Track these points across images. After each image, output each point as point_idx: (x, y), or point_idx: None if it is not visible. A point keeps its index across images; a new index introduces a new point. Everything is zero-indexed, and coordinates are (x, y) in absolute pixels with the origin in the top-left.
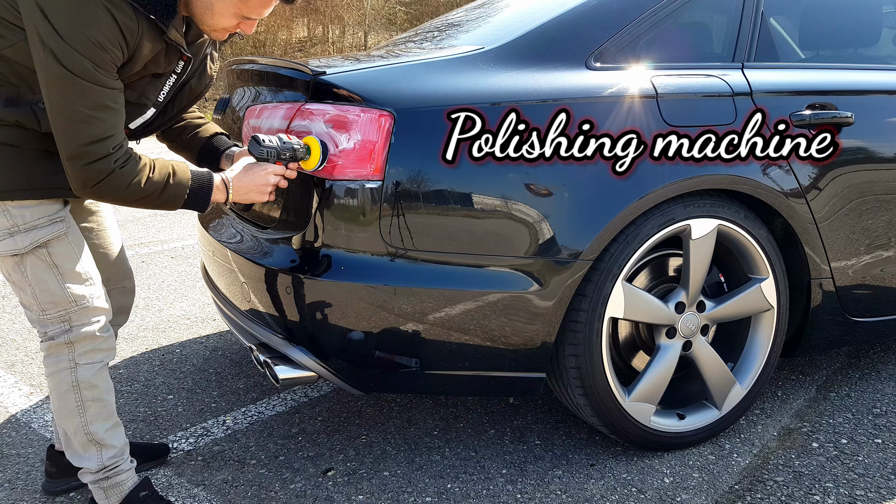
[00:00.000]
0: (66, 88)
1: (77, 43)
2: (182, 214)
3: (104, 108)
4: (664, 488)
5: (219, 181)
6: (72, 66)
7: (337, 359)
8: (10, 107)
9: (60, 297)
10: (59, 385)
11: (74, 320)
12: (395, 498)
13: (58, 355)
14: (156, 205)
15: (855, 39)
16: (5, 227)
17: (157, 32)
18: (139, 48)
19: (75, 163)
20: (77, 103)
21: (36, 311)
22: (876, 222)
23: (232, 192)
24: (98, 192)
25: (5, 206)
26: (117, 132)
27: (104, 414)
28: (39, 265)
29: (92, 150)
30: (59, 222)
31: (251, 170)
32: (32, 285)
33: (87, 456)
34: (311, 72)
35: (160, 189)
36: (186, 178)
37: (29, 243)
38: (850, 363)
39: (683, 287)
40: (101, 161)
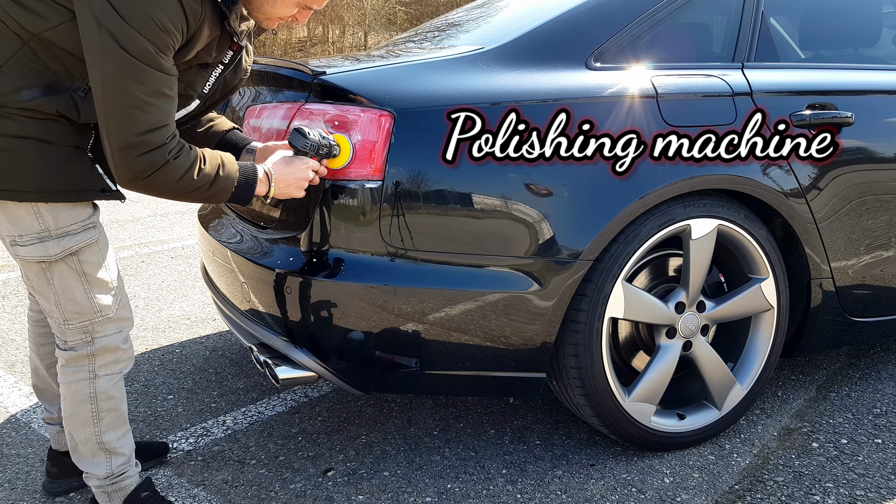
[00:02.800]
0: (123, 72)
1: (139, 23)
2: (182, 214)
3: (161, 95)
4: (664, 488)
5: (262, 174)
6: (132, 48)
7: (337, 359)
8: (50, 95)
9: (86, 307)
10: (76, 395)
11: (97, 331)
12: (395, 498)
13: (77, 366)
14: (204, 197)
15: (855, 39)
16: (35, 230)
17: (218, 18)
18: (198, 33)
19: (128, 153)
20: (135, 89)
21: (57, 320)
22: (876, 222)
23: (274, 185)
24: (149, 184)
25: (37, 208)
26: (171, 121)
27: (118, 423)
28: (68, 273)
29: (147, 140)
30: (92, 228)
31: (292, 163)
32: (58, 294)
33: (95, 462)
34: (311, 72)
35: (210, 181)
36: (235, 171)
37: (61, 250)
38: (850, 363)
39: (683, 287)
40: (156, 151)
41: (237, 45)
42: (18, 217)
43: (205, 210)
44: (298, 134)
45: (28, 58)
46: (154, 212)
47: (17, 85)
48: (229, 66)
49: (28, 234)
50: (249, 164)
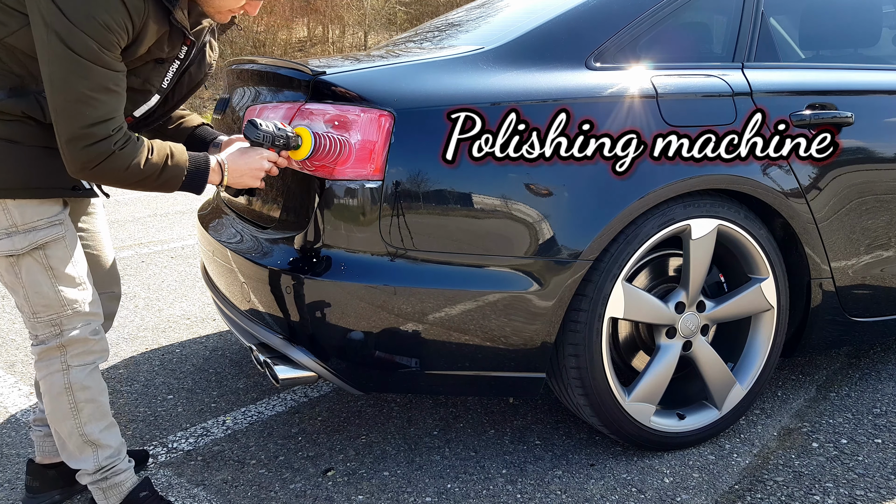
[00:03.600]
0: (68, 69)
1: (82, 23)
2: (182, 214)
3: (106, 91)
4: (664, 488)
5: (214, 164)
6: (76, 47)
7: (337, 359)
8: (15, 97)
9: (53, 300)
10: (52, 388)
11: (65, 324)
12: (395, 498)
13: (49, 358)
14: (154, 186)
15: (855, 39)
16: (3, 226)
17: (163, 13)
18: (144, 29)
19: (75, 144)
20: (80, 84)
21: (27, 314)
22: (876, 222)
23: (227, 174)
24: (97, 173)
25: (5, 205)
26: (118, 114)
27: (98, 414)
28: (34, 267)
29: (92, 132)
30: (58, 225)
31: (246, 153)
32: (26, 287)
33: (83, 458)
34: (311, 72)
35: (158, 170)
36: (184, 160)
37: (27, 244)
38: (850, 363)
39: (683, 287)
40: (102, 143)
41: (190, 41)
42: None
43: (205, 210)
44: (251, 126)
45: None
46: (154, 212)
47: None
48: (188, 62)
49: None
50: (202, 155)
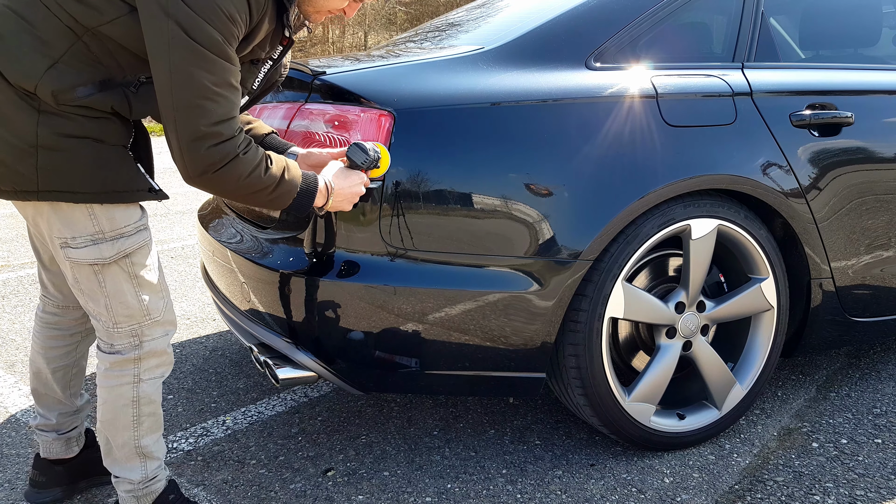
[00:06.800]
0: (192, 62)
1: (207, 13)
2: (182, 214)
3: (229, 86)
4: (664, 488)
5: (323, 185)
6: (201, 37)
7: (337, 359)
8: (104, 91)
9: (136, 309)
10: (118, 399)
11: (146, 335)
12: (395, 498)
13: (122, 369)
14: (265, 201)
15: (855, 39)
16: (89, 232)
17: (277, 11)
18: (259, 25)
19: (199, 144)
20: (204, 78)
21: (106, 323)
22: (876, 222)
23: (332, 198)
24: (216, 178)
25: (92, 210)
26: (238, 114)
27: (155, 426)
28: (120, 276)
29: (218, 131)
30: (144, 230)
31: (349, 176)
32: (109, 297)
33: (129, 466)
34: (311, 72)
35: (275, 183)
36: (298, 177)
37: (115, 253)
38: (850, 363)
39: (683, 287)
40: (228, 143)
41: (287, 40)
42: (72, 218)
43: (205, 210)
44: (359, 149)
45: (82, 53)
46: (154, 212)
47: (74, 82)
48: (276, 62)
49: (82, 237)
50: (311, 174)
